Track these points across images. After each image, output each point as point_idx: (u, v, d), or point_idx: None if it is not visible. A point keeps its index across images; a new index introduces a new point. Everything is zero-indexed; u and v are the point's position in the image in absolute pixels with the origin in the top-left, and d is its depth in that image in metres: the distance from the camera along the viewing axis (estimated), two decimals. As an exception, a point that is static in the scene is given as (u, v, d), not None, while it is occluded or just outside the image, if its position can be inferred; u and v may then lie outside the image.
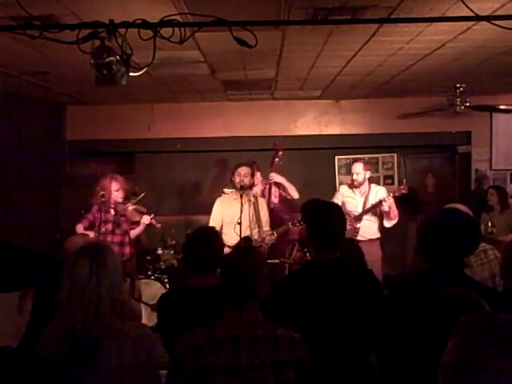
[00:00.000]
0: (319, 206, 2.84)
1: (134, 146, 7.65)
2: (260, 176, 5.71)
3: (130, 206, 5.33)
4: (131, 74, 3.12)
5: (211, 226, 3.61)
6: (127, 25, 2.88)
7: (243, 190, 4.92)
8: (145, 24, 2.86)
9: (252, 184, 5.17)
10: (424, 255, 2.27)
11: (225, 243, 4.71)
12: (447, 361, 1.19)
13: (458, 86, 6.09)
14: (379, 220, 5.47)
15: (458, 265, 2.20)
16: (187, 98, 7.21)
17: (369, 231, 5.41)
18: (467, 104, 6.24)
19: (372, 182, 5.66)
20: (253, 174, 5.14)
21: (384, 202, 5.21)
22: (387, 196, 5.23)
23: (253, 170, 5.16)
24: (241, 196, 4.87)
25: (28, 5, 2.85)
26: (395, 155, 7.96)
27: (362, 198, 5.47)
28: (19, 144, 6.28)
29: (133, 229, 5.37)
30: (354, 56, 4.73)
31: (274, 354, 2.05)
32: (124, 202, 5.33)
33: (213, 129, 7.47)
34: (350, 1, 3.20)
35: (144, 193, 5.50)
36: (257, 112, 7.54)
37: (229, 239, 4.92)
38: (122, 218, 5.31)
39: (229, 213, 5.06)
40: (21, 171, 6.28)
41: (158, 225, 5.43)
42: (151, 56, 2.93)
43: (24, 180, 6.29)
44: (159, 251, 6.39)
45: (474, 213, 3.55)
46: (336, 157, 7.90)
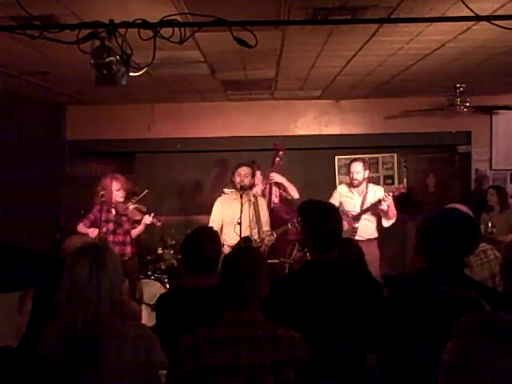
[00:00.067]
0: (315, 207, 2.84)
1: (134, 146, 7.65)
2: (260, 176, 5.71)
3: (131, 206, 5.33)
4: (131, 74, 3.12)
5: (208, 226, 3.60)
6: (127, 25, 2.89)
7: (243, 190, 4.92)
8: (145, 24, 2.86)
9: (252, 184, 5.17)
10: (424, 255, 2.27)
11: (224, 243, 4.78)
12: (447, 361, 1.19)
13: (458, 86, 6.09)
14: (377, 220, 5.47)
15: (458, 265, 2.20)
16: (187, 98, 7.20)
17: (367, 231, 5.41)
18: (467, 104, 6.24)
19: (369, 182, 5.67)
20: (253, 174, 5.13)
21: (383, 202, 5.21)
22: (386, 195, 5.23)
23: (253, 170, 5.15)
24: (241, 196, 4.87)
25: (28, 5, 2.85)
26: (395, 155, 7.95)
27: (360, 198, 5.47)
28: (19, 144, 6.28)
29: (134, 228, 5.38)
30: (354, 56, 4.73)
31: (275, 354, 2.05)
32: (125, 202, 5.33)
33: (213, 129, 7.47)
34: (350, 1, 3.20)
35: (146, 190, 5.50)
36: (257, 112, 7.54)
37: (229, 239, 4.93)
38: (123, 218, 5.31)
39: (229, 213, 5.05)
40: (21, 171, 6.28)
41: (159, 223, 5.43)
42: (151, 56, 2.93)
43: (24, 180, 6.29)
44: (159, 251, 6.40)
45: (474, 213, 3.55)
46: (336, 157, 7.89)
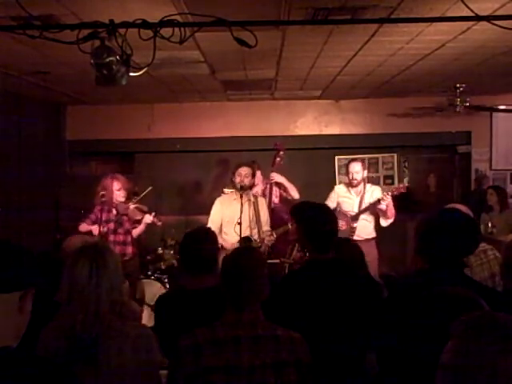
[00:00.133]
0: (309, 208, 2.84)
1: (134, 146, 7.65)
2: (260, 176, 5.71)
3: (132, 205, 5.32)
4: (131, 74, 3.12)
5: (206, 227, 3.60)
6: (127, 25, 2.89)
7: (243, 191, 4.92)
8: (145, 24, 2.86)
9: (252, 184, 5.16)
10: (424, 255, 2.27)
11: (224, 243, 4.78)
12: (446, 361, 1.19)
13: (458, 86, 6.09)
14: (375, 219, 5.47)
15: (458, 265, 2.20)
16: (187, 98, 7.20)
17: (365, 231, 5.41)
18: (467, 104, 6.24)
19: (368, 182, 5.67)
20: (253, 174, 5.13)
21: (382, 201, 5.21)
22: (386, 194, 5.23)
23: (253, 170, 5.15)
24: (241, 196, 4.86)
25: (28, 5, 2.85)
26: (395, 155, 7.95)
27: (358, 198, 5.47)
28: (19, 144, 6.28)
29: (135, 228, 5.38)
30: (354, 56, 4.73)
31: (275, 355, 2.05)
32: (126, 202, 5.33)
33: (213, 129, 7.47)
34: (350, 1, 3.20)
35: (150, 187, 5.49)
36: (257, 112, 7.53)
37: (229, 239, 4.93)
38: (124, 218, 5.31)
39: (228, 213, 5.05)
40: (21, 171, 6.28)
41: (159, 223, 5.43)
42: (151, 56, 2.93)
43: (24, 180, 6.29)
44: (159, 251, 6.40)
45: (474, 213, 3.55)
46: (336, 157, 7.89)
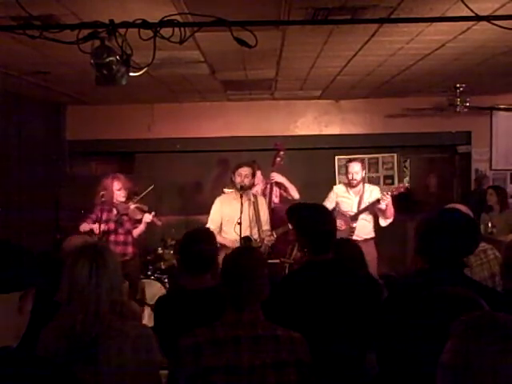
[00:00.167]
0: (306, 209, 2.83)
1: (134, 146, 7.65)
2: (260, 175, 5.70)
3: (132, 205, 5.32)
4: (131, 74, 3.12)
5: (204, 227, 3.60)
6: (127, 25, 2.89)
7: (243, 191, 4.92)
8: (145, 24, 2.86)
9: (252, 184, 5.16)
10: (424, 255, 2.27)
11: (224, 242, 4.78)
12: (446, 360, 1.19)
13: (458, 86, 6.09)
14: (374, 219, 5.47)
15: (458, 265, 2.20)
16: (187, 98, 7.20)
17: (364, 231, 5.42)
18: (467, 104, 6.24)
19: (367, 182, 5.67)
20: (253, 174, 5.13)
21: (382, 201, 5.21)
22: (385, 194, 5.23)
23: (253, 170, 5.15)
24: (241, 196, 4.86)
25: (28, 5, 2.85)
26: (395, 155, 7.95)
27: (357, 198, 5.47)
28: (19, 144, 6.28)
29: (136, 227, 5.37)
30: (354, 56, 4.73)
31: (275, 355, 2.05)
32: (126, 202, 5.33)
33: (213, 129, 7.47)
34: (350, 1, 3.20)
35: (152, 186, 5.49)
36: (257, 112, 7.53)
37: (229, 238, 4.93)
38: (124, 217, 5.31)
39: (228, 212, 5.04)
40: (21, 171, 6.28)
41: (159, 222, 5.43)
42: (151, 56, 2.93)
43: (24, 180, 6.29)
44: (159, 251, 6.40)
45: (474, 213, 3.55)
46: (336, 157, 7.89)
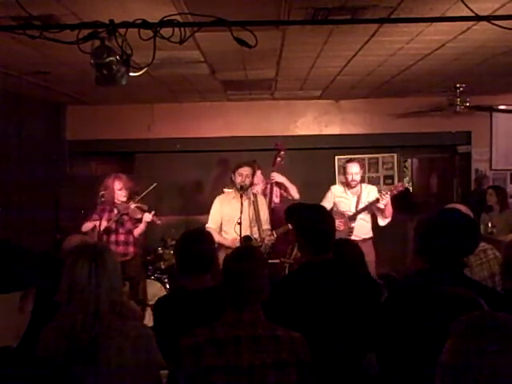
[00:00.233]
0: (304, 209, 2.83)
1: (134, 146, 7.65)
2: (261, 175, 5.70)
3: (133, 204, 5.32)
4: (131, 74, 3.12)
5: (201, 227, 3.60)
6: (127, 25, 2.89)
7: (243, 190, 4.92)
8: (145, 24, 2.86)
9: (251, 183, 5.16)
10: (424, 255, 2.27)
11: (224, 241, 4.79)
12: (446, 360, 1.19)
13: (458, 86, 6.09)
14: (372, 219, 5.47)
15: (458, 265, 2.20)
16: (187, 98, 7.20)
17: (362, 231, 5.42)
18: (467, 104, 6.24)
19: (366, 182, 5.67)
20: (253, 174, 5.13)
21: (381, 200, 5.21)
22: (384, 193, 5.23)
23: (254, 170, 5.15)
24: (241, 195, 4.86)
25: (28, 5, 2.85)
26: (395, 155, 7.95)
27: (355, 198, 5.47)
28: (19, 144, 6.28)
29: (136, 227, 5.37)
30: (354, 56, 4.73)
31: (275, 355, 2.05)
32: (127, 201, 5.32)
33: (213, 129, 7.47)
34: (350, 1, 3.20)
35: (155, 184, 5.47)
36: (257, 112, 7.53)
37: (229, 238, 4.93)
38: (125, 217, 5.30)
39: (228, 211, 5.04)
40: (21, 171, 6.27)
41: (159, 222, 5.42)
42: (151, 56, 2.93)
43: (24, 180, 6.28)
44: (159, 251, 6.40)
45: (474, 213, 3.55)
46: (336, 157, 7.88)
